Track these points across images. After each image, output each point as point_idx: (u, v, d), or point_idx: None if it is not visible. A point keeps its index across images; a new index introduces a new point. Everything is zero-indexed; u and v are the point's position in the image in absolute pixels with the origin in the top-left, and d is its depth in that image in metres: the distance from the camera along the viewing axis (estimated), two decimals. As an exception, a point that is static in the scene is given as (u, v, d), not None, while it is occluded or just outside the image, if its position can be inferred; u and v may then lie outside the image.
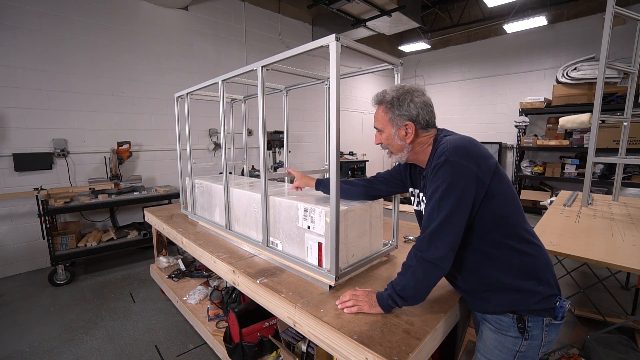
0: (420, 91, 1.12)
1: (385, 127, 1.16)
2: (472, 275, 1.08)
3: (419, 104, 1.10)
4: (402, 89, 1.12)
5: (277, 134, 4.89)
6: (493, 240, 1.01)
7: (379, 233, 1.53)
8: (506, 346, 1.03)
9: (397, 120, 1.11)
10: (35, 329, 2.41)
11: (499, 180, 0.99)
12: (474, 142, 1.02)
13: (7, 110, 3.21)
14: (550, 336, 1.02)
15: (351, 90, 7.19)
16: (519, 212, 1.03)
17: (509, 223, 1.00)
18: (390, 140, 1.16)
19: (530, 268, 1.00)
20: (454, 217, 0.96)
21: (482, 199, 0.98)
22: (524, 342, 1.01)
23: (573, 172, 5.49)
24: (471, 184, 0.95)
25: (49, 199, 3.14)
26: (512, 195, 1.02)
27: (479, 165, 0.96)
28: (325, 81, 1.93)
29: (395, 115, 1.11)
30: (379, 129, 1.19)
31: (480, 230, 1.01)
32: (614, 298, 2.63)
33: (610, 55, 2.24)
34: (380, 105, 1.17)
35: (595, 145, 2.31)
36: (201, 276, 2.71)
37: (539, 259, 1.02)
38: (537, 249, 1.03)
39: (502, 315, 1.03)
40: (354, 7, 4.77)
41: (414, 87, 1.12)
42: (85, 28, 3.59)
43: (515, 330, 1.02)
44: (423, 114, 1.10)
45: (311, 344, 1.60)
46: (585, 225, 1.94)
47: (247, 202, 1.74)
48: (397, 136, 1.13)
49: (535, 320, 1.00)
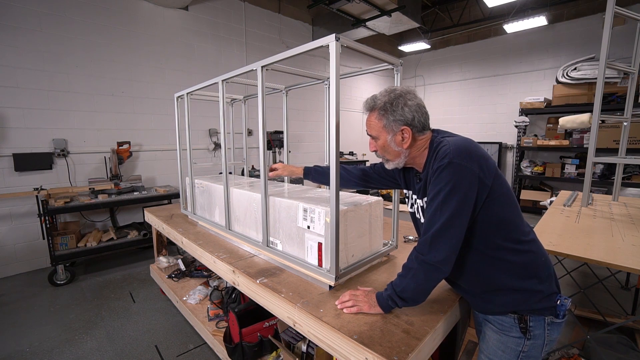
0: (412, 93, 1.09)
1: (380, 134, 1.11)
2: (473, 277, 1.07)
3: (413, 107, 1.06)
4: (394, 93, 1.08)
5: (277, 134, 4.89)
6: (494, 241, 1.00)
7: (378, 233, 1.53)
8: (509, 347, 1.03)
9: (393, 126, 1.07)
10: (35, 329, 2.41)
11: (499, 181, 0.99)
12: (474, 143, 1.01)
13: (7, 110, 3.21)
14: (553, 335, 1.02)
15: (351, 90, 7.20)
16: (517, 212, 1.03)
17: (509, 224, 1.00)
18: (387, 147, 1.12)
19: (530, 267, 1.01)
20: (456, 219, 0.94)
21: (484, 201, 0.97)
22: (526, 342, 1.01)
23: (573, 172, 5.49)
24: (474, 186, 0.94)
25: (49, 199, 3.14)
26: (510, 195, 1.02)
27: (480, 166, 0.94)
28: (325, 81, 1.93)
29: (390, 121, 1.07)
30: (373, 137, 1.14)
31: (481, 231, 1.00)
32: (614, 298, 2.63)
33: (610, 55, 2.23)
34: (372, 112, 1.12)
35: (595, 145, 2.31)
36: (201, 276, 2.71)
37: (538, 258, 1.02)
38: (536, 248, 1.03)
39: (504, 316, 1.03)
40: (354, 7, 4.77)
41: (405, 90, 1.09)
42: (85, 28, 3.59)
43: (517, 330, 1.02)
44: (418, 116, 1.06)
45: (311, 344, 1.60)
46: (585, 226, 1.94)
47: (247, 202, 1.74)
48: (393, 142, 1.10)
49: (537, 320, 1.00)
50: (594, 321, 2.38)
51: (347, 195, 1.55)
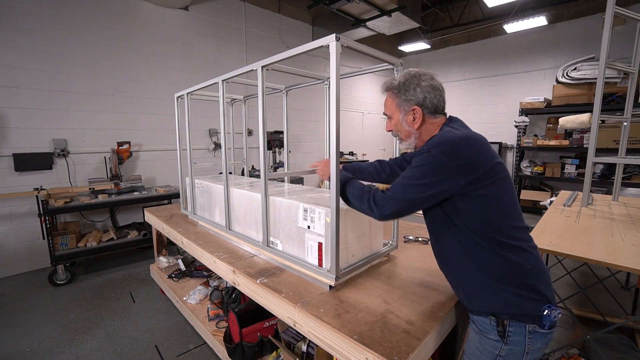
0: (428, 75, 1.11)
1: (393, 112, 1.16)
2: (453, 266, 1.09)
3: (426, 88, 1.08)
4: (409, 74, 1.12)
5: (277, 134, 4.89)
6: (473, 239, 1.00)
7: (379, 233, 1.53)
8: (487, 349, 1.02)
9: (404, 105, 1.11)
10: (35, 329, 2.41)
11: (491, 182, 0.97)
12: (470, 142, 0.99)
13: (7, 110, 3.21)
14: (535, 345, 0.98)
15: (351, 90, 7.20)
16: (508, 217, 1.00)
17: (493, 226, 0.98)
18: (399, 125, 1.16)
19: (511, 273, 0.97)
20: (412, 196, 1.00)
21: (464, 196, 0.98)
22: (504, 346, 0.99)
23: (573, 172, 5.49)
24: (443, 179, 0.96)
25: (49, 199, 3.14)
26: (504, 200, 0.99)
27: (459, 164, 0.95)
28: (325, 81, 1.93)
29: (402, 100, 1.11)
30: (388, 116, 1.19)
31: (461, 225, 1.01)
32: (614, 298, 2.63)
33: (610, 55, 2.23)
34: (388, 92, 1.17)
35: (595, 145, 2.31)
36: (201, 276, 2.71)
37: (522, 266, 0.98)
38: (525, 257, 0.99)
39: (484, 317, 1.02)
40: (354, 7, 4.77)
41: (421, 72, 1.11)
42: (85, 28, 3.59)
43: (495, 333, 1.00)
44: (430, 97, 1.08)
45: (311, 344, 1.60)
46: (585, 225, 1.94)
47: (247, 202, 1.74)
48: (405, 121, 1.13)
49: (517, 326, 0.97)
50: (594, 321, 2.38)
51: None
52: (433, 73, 1.13)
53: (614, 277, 2.92)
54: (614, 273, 2.73)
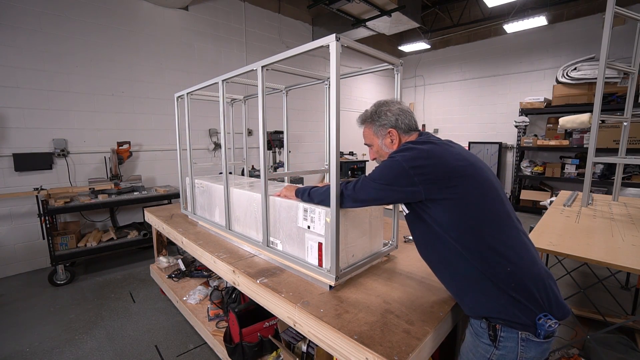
0: (395, 101, 1.26)
1: (372, 140, 1.27)
2: (442, 271, 1.12)
3: (396, 111, 1.20)
4: (378, 103, 1.26)
5: (277, 134, 4.89)
6: (455, 247, 1.01)
7: (379, 233, 1.53)
8: (479, 352, 1.02)
9: (380, 130, 1.23)
10: (35, 329, 2.41)
11: (456, 184, 0.99)
12: (430, 155, 1.03)
13: (7, 110, 3.21)
14: (529, 353, 0.96)
15: (351, 90, 7.19)
16: (489, 221, 0.99)
17: (475, 232, 0.98)
18: (380, 150, 1.26)
19: (500, 278, 0.96)
20: (369, 192, 1.12)
21: (430, 202, 1.03)
22: (495, 351, 0.98)
23: (573, 172, 5.49)
24: (402, 183, 1.04)
25: (49, 199, 3.14)
26: (476, 201, 0.99)
27: (419, 173, 1.01)
28: (325, 81, 1.93)
29: (377, 126, 1.23)
30: (369, 145, 1.30)
31: (440, 232, 1.04)
32: (614, 298, 2.63)
33: (610, 55, 2.23)
34: (364, 124, 1.29)
35: (595, 145, 2.31)
36: (201, 276, 2.71)
37: (512, 274, 0.95)
38: (513, 265, 0.96)
39: (478, 320, 1.03)
40: (354, 7, 4.77)
41: (389, 100, 1.26)
42: (85, 28, 3.59)
43: (487, 337, 1.00)
44: (402, 118, 1.20)
45: (311, 344, 1.60)
46: (585, 225, 1.94)
47: (247, 202, 1.74)
48: (384, 145, 1.24)
49: (509, 332, 0.96)
50: (594, 321, 2.37)
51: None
52: (398, 100, 1.29)
53: (614, 277, 2.92)
54: (614, 273, 2.73)
